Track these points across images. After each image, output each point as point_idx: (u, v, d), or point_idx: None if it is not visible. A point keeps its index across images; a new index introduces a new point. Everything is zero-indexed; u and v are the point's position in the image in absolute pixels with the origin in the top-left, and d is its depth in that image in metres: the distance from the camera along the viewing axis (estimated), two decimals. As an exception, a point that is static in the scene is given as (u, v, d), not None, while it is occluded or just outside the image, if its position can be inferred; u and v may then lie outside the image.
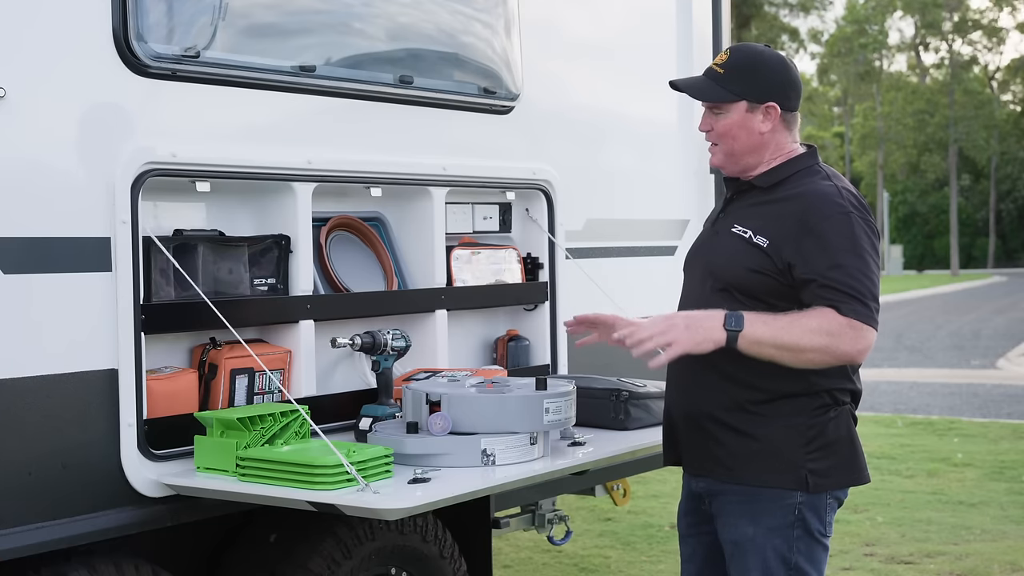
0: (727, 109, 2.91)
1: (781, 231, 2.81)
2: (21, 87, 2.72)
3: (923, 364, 15.21)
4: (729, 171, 2.98)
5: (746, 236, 2.85)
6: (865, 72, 52.50)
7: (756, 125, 2.90)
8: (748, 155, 2.92)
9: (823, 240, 2.77)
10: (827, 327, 2.72)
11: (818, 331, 2.72)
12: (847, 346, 2.72)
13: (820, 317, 2.72)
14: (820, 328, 2.72)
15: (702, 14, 4.84)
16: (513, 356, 4.00)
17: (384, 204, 3.73)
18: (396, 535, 3.48)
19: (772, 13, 40.88)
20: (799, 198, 2.85)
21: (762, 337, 2.73)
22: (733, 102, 2.90)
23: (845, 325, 2.72)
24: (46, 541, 2.75)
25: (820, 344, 2.72)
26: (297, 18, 3.42)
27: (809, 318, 2.73)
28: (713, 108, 2.94)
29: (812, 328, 2.72)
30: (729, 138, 2.92)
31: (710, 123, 2.95)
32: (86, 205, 2.84)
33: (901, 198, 54.81)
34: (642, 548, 6.29)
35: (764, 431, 2.83)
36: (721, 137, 2.93)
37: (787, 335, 2.73)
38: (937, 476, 8.07)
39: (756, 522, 2.85)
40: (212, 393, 3.15)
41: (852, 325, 2.72)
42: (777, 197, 2.89)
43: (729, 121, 2.91)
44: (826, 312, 2.73)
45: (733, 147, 2.93)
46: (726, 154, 2.94)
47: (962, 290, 34.66)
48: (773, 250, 2.80)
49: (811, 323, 2.72)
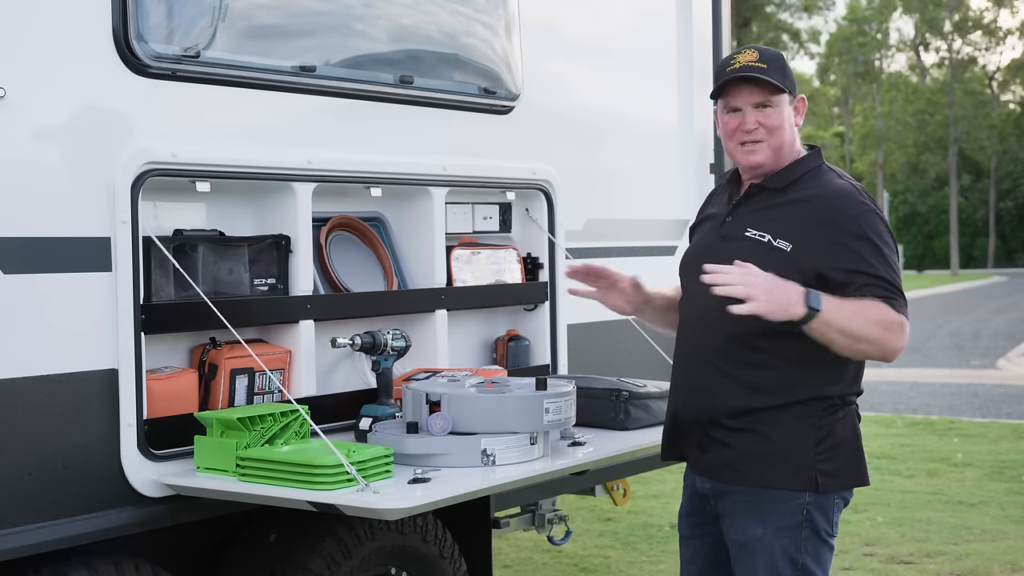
0: (777, 103, 2.89)
1: (806, 234, 2.79)
2: (21, 87, 2.72)
3: (923, 364, 15.20)
4: (769, 168, 2.92)
5: (765, 240, 2.82)
6: (865, 72, 52.51)
7: (793, 119, 2.93)
8: (788, 149, 2.92)
9: (859, 238, 2.77)
10: (885, 321, 2.72)
11: (876, 323, 2.72)
12: (894, 342, 2.73)
13: (878, 310, 2.72)
14: (879, 321, 2.72)
15: (702, 14, 4.84)
16: (513, 356, 4.00)
17: (384, 204, 3.73)
18: (396, 535, 3.48)
19: (772, 13, 40.90)
20: (819, 199, 2.84)
21: (833, 320, 2.69)
22: (784, 94, 2.90)
23: (897, 323, 2.73)
24: (46, 541, 2.75)
25: (875, 336, 2.71)
26: (297, 18, 3.42)
27: (871, 309, 2.72)
28: (764, 103, 2.88)
29: (873, 319, 2.72)
30: (780, 132, 2.89)
31: (757, 120, 2.89)
32: (86, 205, 2.84)
33: (901, 198, 54.80)
34: (642, 548, 6.29)
35: (774, 432, 2.81)
36: (773, 132, 2.89)
37: (853, 323, 2.70)
38: (937, 476, 8.07)
39: (764, 522, 2.84)
40: (212, 393, 3.15)
41: (902, 323, 2.73)
42: (791, 199, 2.87)
43: (780, 114, 2.89)
44: (882, 306, 2.72)
45: (783, 141, 2.90)
46: (774, 149, 2.90)
47: (962, 290, 34.64)
48: (797, 252, 2.78)
49: (873, 314, 2.72)
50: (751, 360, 2.82)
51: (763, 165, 2.91)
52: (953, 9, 51.40)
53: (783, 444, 2.82)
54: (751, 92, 2.89)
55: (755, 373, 2.82)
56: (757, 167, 2.92)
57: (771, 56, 2.92)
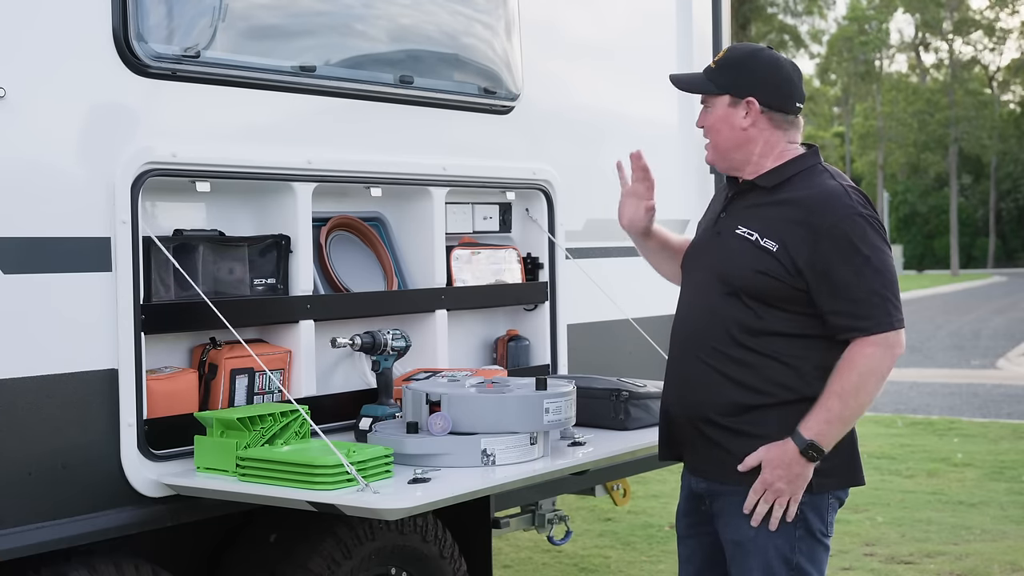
0: (712, 103, 2.94)
1: (792, 235, 2.79)
2: (21, 87, 2.72)
3: (923, 364, 15.20)
4: (720, 167, 3.00)
5: (752, 238, 2.83)
6: (865, 72, 52.50)
7: (738, 120, 2.91)
8: (733, 151, 2.93)
9: (836, 242, 2.76)
10: (867, 368, 2.75)
11: (864, 379, 2.76)
12: (889, 362, 2.77)
13: (854, 366, 2.75)
14: (863, 375, 2.75)
15: (702, 14, 4.84)
16: (513, 356, 4.00)
17: (384, 204, 3.73)
18: (396, 535, 3.48)
19: (773, 14, 40.89)
20: (805, 200, 2.83)
21: (834, 434, 2.77)
22: (716, 95, 2.92)
23: (879, 348, 2.75)
24: (46, 541, 2.75)
25: (872, 385, 2.77)
26: (297, 18, 3.42)
27: (849, 375, 2.75)
28: (704, 103, 2.97)
29: (857, 384, 2.75)
30: (714, 132, 2.94)
31: (702, 118, 2.98)
32: (86, 205, 2.84)
33: (901, 198, 54.80)
34: (642, 548, 6.29)
35: (765, 431, 2.82)
36: (708, 131, 2.96)
37: (847, 410, 2.76)
38: (937, 476, 8.07)
39: (757, 522, 2.85)
40: (212, 393, 3.15)
41: (886, 341, 2.75)
42: (780, 199, 2.87)
43: (714, 115, 2.94)
44: (855, 352, 2.75)
45: (718, 141, 2.94)
46: (715, 149, 2.97)
47: (962, 290, 34.64)
48: (783, 254, 2.78)
49: (853, 379, 2.75)
50: (741, 358, 2.83)
51: (713, 163, 3.02)
52: (953, 9, 51.41)
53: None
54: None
55: (746, 371, 2.83)
56: (711, 163, 3.03)
57: (734, 54, 2.98)
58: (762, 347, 2.81)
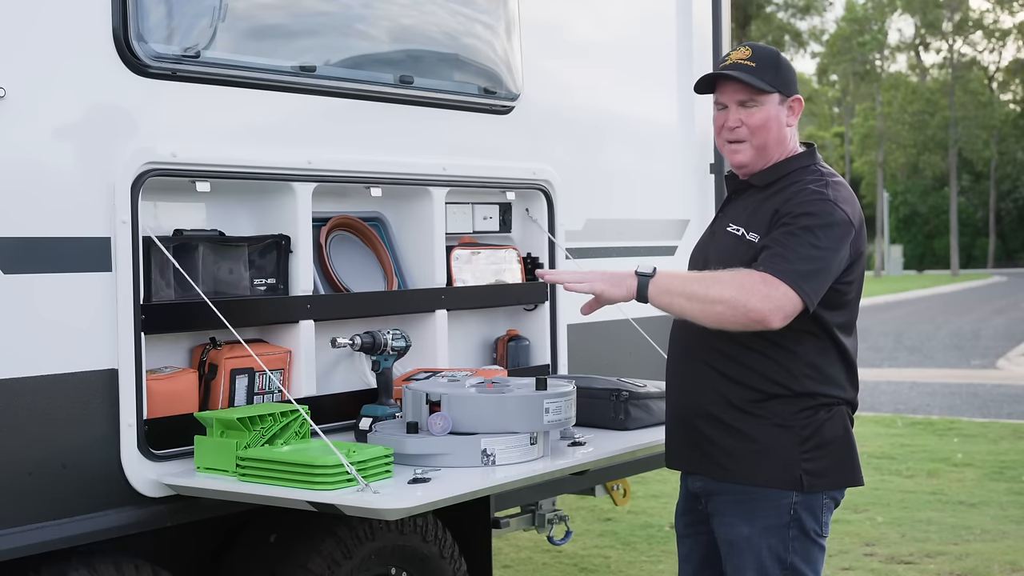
0: (762, 102, 2.90)
1: (769, 224, 2.82)
2: (21, 87, 2.72)
3: (923, 364, 15.21)
4: (753, 168, 2.94)
5: (739, 234, 2.87)
6: (865, 72, 52.49)
7: (784, 119, 2.92)
8: (775, 149, 2.92)
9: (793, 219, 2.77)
10: (739, 280, 2.69)
11: (728, 283, 2.69)
12: (756, 302, 2.66)
13: (736, 272, 2.73)
14: (732, 281, 2.70)
15: (702, 14, 4.84)
16: (513, 356, 4.00)
17: (384, 204, 3.73)
18: (396, 535, 3.48)
19: (773, 14, 40.89)
20: (788, 196, 2.85)
21: (671, 286, 2.73)
22: (770, 93, 2.90)
23: (758, 280, 2.68)
24: (46, 541, 2.75)
25: (728, 295, 2.67)
26: (297, 18, 3.41)
27: (724, 272, 2.73)
28: (747, 102, 2.91)
29: (723, 279, 2.71)
30: (764, 131, 2.90)
31: (740, 118, 2.91)
32: (86, 205, 2.83)
33: (901, 198, 54.80)
34: (642, 548, 6.29)
35: (758, 431, 2.83)
36: (755, 131, 2.90)
37: (697, 284, 2.72)
38: (937, 476, 8.07)
39: (751, 521, 2.85)
40: (212, 393, 3.15)
41: (765, 280, 2.68)
42: (768, 195, 2.90)
43: (764, 114, 2.90)
44: (744, 270, 2.73)
45: (766, 141, 2.91)
46: (757, 149, 2.92)
47: (962, 290, 34.65)
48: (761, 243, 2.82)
49: (723, 275, 2.72)
50: (735, 355, 2.83)
51: (746, 165, 2.95)
52: (953, 9, 51.40)
53: (768, 443, 2.83)
54: (735, 90, 2.91)
55: (739, 370, 2.83)
56: (740, 166, 2.96)
57: (764, 54, 2.93)
58: (754, 343, 2.82)
